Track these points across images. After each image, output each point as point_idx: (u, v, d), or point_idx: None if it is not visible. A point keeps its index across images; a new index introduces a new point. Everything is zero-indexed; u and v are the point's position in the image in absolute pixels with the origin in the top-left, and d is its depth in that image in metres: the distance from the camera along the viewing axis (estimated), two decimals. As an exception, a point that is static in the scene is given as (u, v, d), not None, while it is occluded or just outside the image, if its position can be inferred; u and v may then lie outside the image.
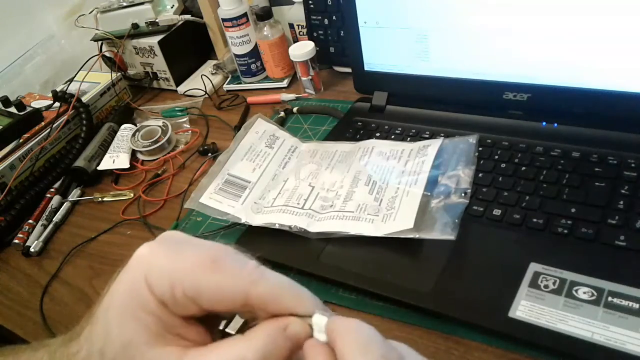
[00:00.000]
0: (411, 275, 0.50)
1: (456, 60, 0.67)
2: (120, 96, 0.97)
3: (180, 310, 0.27)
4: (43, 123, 0.85)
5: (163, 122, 0.85)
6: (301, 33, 0.92)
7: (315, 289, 0.53)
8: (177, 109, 0.92)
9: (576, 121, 0.61)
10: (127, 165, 0.82)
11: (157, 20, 0.96)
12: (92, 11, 1.01)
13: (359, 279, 0.51)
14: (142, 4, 0.97)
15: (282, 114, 0.82)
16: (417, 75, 0.70)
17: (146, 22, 0.97)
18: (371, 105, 0.75)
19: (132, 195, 0.77)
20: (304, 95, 0.87)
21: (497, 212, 0.53)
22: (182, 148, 0.84)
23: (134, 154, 0.84)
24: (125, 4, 0.99)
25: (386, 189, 0.57)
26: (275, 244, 0.57)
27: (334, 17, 0.83)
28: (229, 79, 0.98)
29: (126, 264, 0.28)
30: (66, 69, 1.03)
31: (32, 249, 0.71)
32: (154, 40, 0.95)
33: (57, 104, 0.87)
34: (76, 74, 0.92)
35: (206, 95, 0.94)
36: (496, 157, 0.60)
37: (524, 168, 0.57)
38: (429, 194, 0.54)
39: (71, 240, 0.72)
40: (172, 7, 0.99)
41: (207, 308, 0.27)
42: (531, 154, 0.59)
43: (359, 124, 0.73)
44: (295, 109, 0.83)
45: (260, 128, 0.69)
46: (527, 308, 0.44)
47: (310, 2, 0.84)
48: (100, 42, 0.99)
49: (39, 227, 0.74)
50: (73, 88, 0.89)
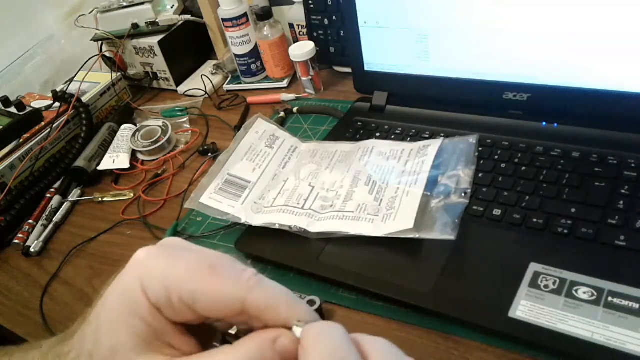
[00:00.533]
0: (411, 275, 0.50)
1: (456, 60, 0.67)
2: (120, 96, 0.97)
3: (175, 315, 0.27)
4: (43, 123, 0.85)
5: (163, 122, 0.85)
6: (301, 33, 0.92)
7: (315, 289, 0.53)
8: (177, 109, 0.92)
9: (576, 121, 0.61)
10: (127, 165, 0.82)
11: (157, 20, 0.96)
12: (92, 11, 1.01)
13: (359, 279, 0.51)
14: (142, 4, 0.97)
15: (282, 114, 0.82)
16: (417, 75, 0.70)
17: (146, 22, 0.97)
18: (371, 105, 0.75)
19: (132, 195, 0.77)
20: (304, 95, 0.87)
21: (497, 212, 0.53)
22: (182, 148, 0.84)
23: (134, 154, 0.84)
24: (125, 4, 0.99)
25: (386, 189, 0.57)
26: (275, 244, 0.57)
27: (334, 17, 0.83)
28: (229, 79, 0.98)
29: (124, 267, 0.28)
30: (66, 69, 1.03)
31: (32, 249, 0.71)
32: (154, 40, 0.95)
33: (57, 104, 0.87)
34: (76, 74, 0.92)
35: (206, 95, 0.94)
36: (496, 157, 0.60)
37: (524, 168, 0.57)
38: (429, 194, 0.54)
39: (71, 240, 0.72)
40: (172, 7, 0.99)
41: (202, 314, 0.27)
42: (531, 154, 0.59)
43: (359, 124, 0.73)
44: (295, 109, 0.83)
45: (260, 128, 0.69)
46: (527, 308, 0.44)
47: (310, 2, 0.84)
48: (100, 42, 0.99)
49: (39, 227, 0.74)
50: (73, 88, 0.89)
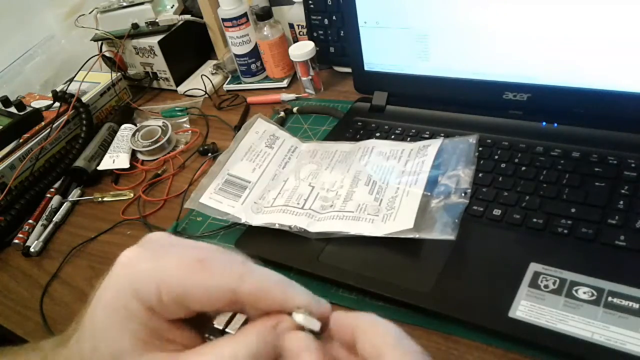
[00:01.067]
0: (411, 275, 0.50)
1: (456, 60, 0.66)
2: (120, 96, 0.97)
3: (169, 314, 0.27)
4: (43, 123, 0.85)
5: (163, 122, 0.85)
6: (301, 33, 0.91)
7: (315, 289, 0.53)
8: (177, 109, 0.92)
9: (576, 121, 0.60)
10: (127, 165, 0.82)
11: (157, 20, 0.96)
12: (92, 11, 1.01)
13: (359, 279, 0.51)
14: (142, 4, 0.97)
15: (282, 114, 0.82)
16: (417, 75, 0.70)
17: (146, 22, 0.97)
18: (371, 105, 0.75)
19: (132, 195, 0.77)
20: (304, 95, 0.87)
21: (497, 212, 0.53)
22: (182, 148, 0.84)
23: (134, 154, 0.84)
24: (125, 4, 0.99)
25: (386, 189, 0.57)
26: (275, 244, 0.57)
27: (334, 17, 0.83)
28: (229, 79, 0.98)
29: (111, 270, 0.28)
30: (66, 69, 1.03)
31: (32, 249, 0.71)
32: (154, 40, 0.95)
33: (57, 104, 0.87)
34: (76, 74, 0.92)
35: (206, 95, 0.94)
36: (496, 157, 0.60)
37: (524, 168, 0.57)
38: (429, 194, 0.54)
39: (71, 240, 0.72)
40: (172, 7, 0.99)
41: (196, 309, 0.27)
42: (531, 154, 0.59)
43: (359, 124, 0.72)
44: (295, 109, 0.83)
45: (260, 128, 0.69)
46: (527, 308, 0.44)
47: (310, 2, 0.84)
48: (100, 42, 0.99)
49: (39, 227, 0.74)
50: (73, 88, 0.89)
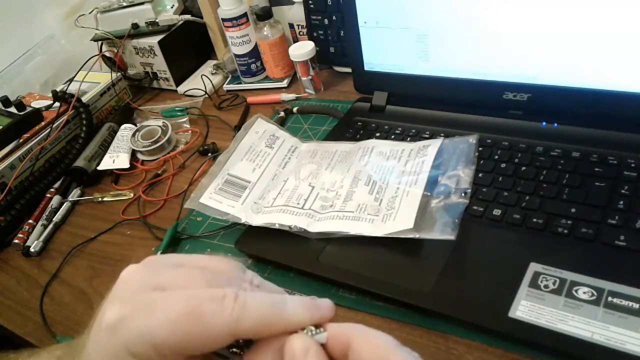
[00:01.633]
0: (411, 275, 0.50)
1: (456, 60, 0.66)
2: (120, 96, 0.97)
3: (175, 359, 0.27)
4: (43, 123, 0.85)
5: (163, 122, 0.85)
6: (301, 33, 0.91)
7: (315, 289, 0.53)
8: (177, 109, 0.92)
9: (576, 121, 0.60)
10: (127, 165, 0.82)
11: (157, 20, 0.96)
12: (92, 11, 1.01)
13: (359, 279, 0.51)
14: (142, 4, 0.97)
15: (282, 114, 0.82)
16: (417, 75, 0.70)
17: (146, 22, 0.97)
18: (371, 105, 0.75)
19: (132, 195, 0.77)
20: (304, 95, 0.87)
21: (497, 212, 0.53)
22: (182, 148, 0.84)
23: (134, 154, 0.84)
24: (125, 4, 0.99)
25: (386, 189, 0.57)
26: (275, 244, 0.57)
27: (334, 17, 0.83)
28: (229, 79, 0.98)
29: (112, 290, 0.28)
30: (66, 69, 1.03)
31: (32, 249, 0.71)
32: (154, 40, 0.95)
33: (57, 104, 0.87)
34: (76, 74, 0.92)
35: (206, 95, 0.94)
36: (496, 157, 0.60)
37: (524, 168, 0.57)
38: (429, 194, 0.54)
39: (71, 240, 0.72)
40: (172, 7, 1.00)
41: (197, 355, 0.27)
42: (531, 154, 0.59)
43: (359, 124, 0.72)
44: (295, 109, 0.83)
45: (260, 128, 0.69)
46: (527, 308, 0.44)
47: (310, 2, 0.84)
48: (100, 42, 0.99)
49: (39, 227, 0.74)
50: (73, 88, 0.89)
